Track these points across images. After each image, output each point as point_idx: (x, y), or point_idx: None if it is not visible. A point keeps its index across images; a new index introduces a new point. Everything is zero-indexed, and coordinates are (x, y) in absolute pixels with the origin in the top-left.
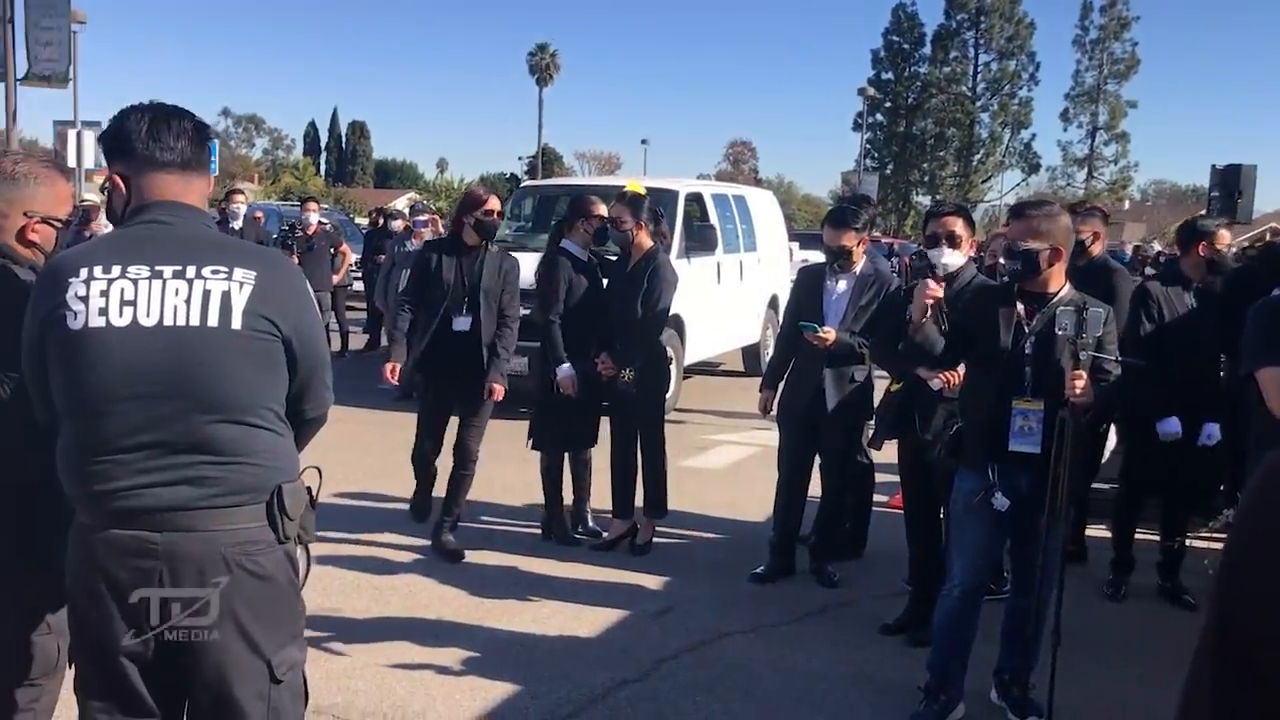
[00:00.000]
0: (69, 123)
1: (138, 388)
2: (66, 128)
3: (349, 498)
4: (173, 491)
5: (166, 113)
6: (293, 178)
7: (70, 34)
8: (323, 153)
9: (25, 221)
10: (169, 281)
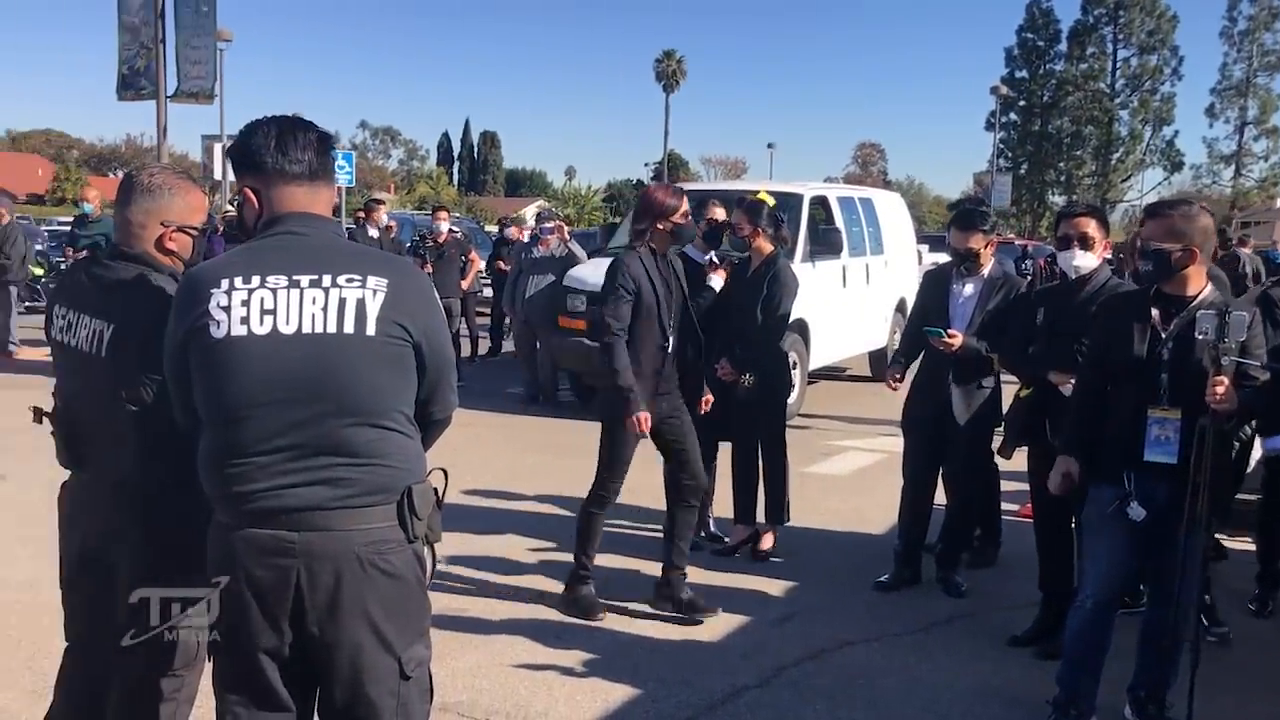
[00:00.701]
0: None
1: (277, 393)
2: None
3: (475, 497)
4: (310, 492)
5: (292, 125)
6: (427, 187)
7: (216, 52)
8: (455, 162)
9: (163, 230)
10: (306, 290)
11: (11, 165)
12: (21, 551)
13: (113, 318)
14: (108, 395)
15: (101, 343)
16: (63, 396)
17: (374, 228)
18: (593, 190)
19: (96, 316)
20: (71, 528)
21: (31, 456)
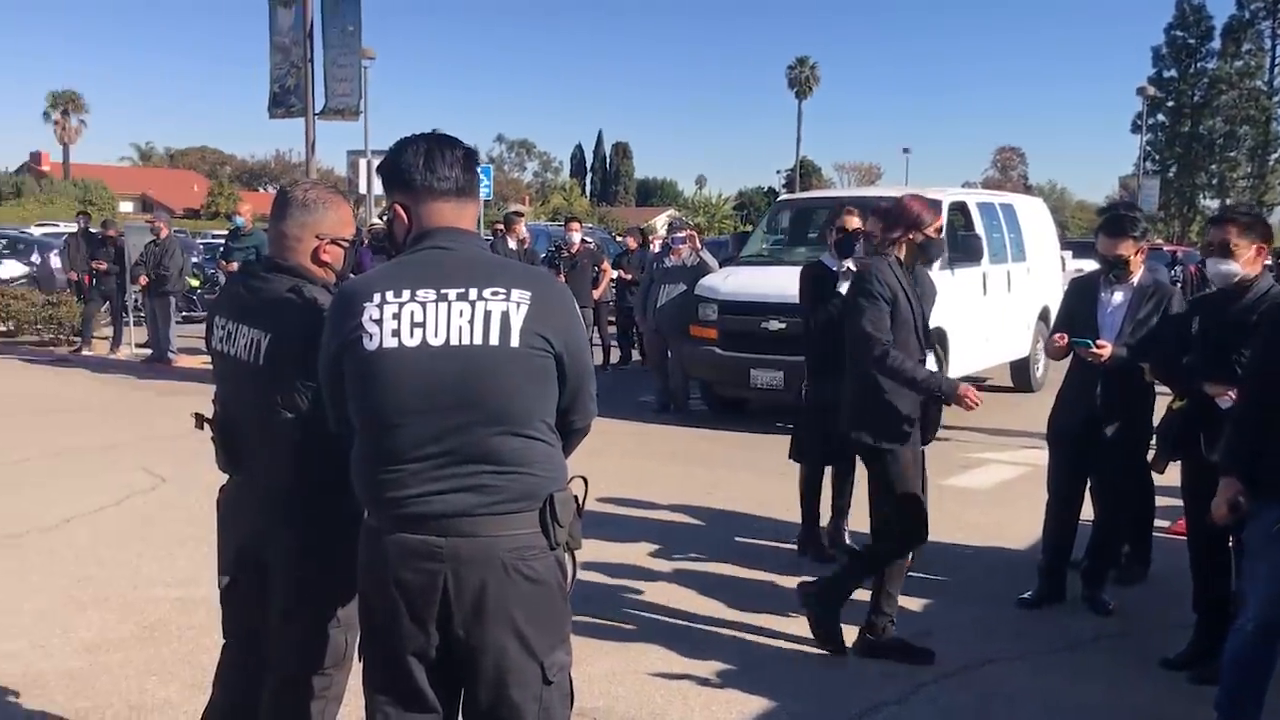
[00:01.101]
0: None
1: (427, 403)
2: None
3: (608, 505)
4: (457, 498)
5: (439, 142)
6: (560, 198)
7: (361, 70)
8: (588, 174)
9: (318, 243)
10: (454, 303)
11: (169, 181)
12: (181, 550)
13: (269, 328)
14: (264, 402)
15: (259, 352)
16: (222, 403)
17: (514, 239)
18: (723, 199)
19: (254, 326)
20: (228, 529)
21: (191, 460)
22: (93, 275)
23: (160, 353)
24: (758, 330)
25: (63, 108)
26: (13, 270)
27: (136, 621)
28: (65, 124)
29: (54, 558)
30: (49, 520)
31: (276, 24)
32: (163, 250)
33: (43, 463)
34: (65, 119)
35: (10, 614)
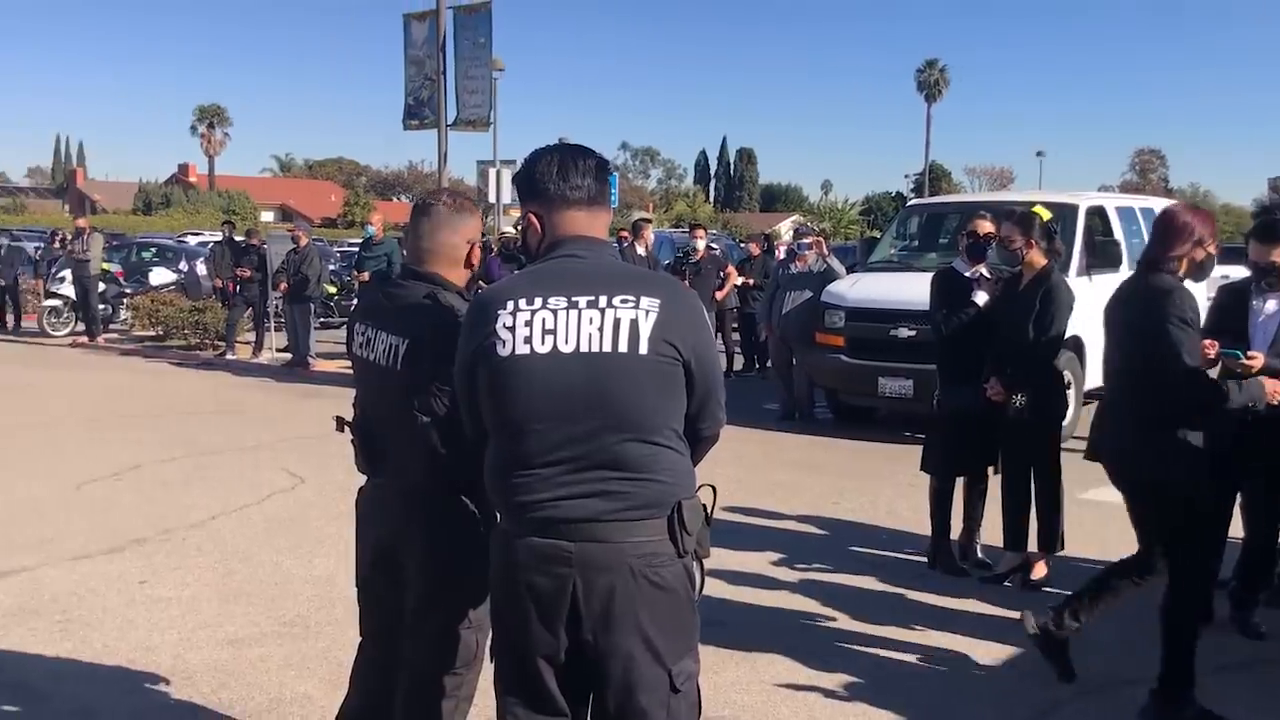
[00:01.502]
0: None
1: (557, 409)
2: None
3: (733, 514)
4: (586, 504)
5: (572, 153)
6: (684, 205)
7: (492, 81)
8: (712, 180)
9: (470, 246)
10: (584, 311)
11: (308, 191)
12: (319, 549)
13: (407, 333)
14: (402, 406)
15: (397, 357)
16: (361, 407)
17: (642, 246)
18: (849, 204)
19: (393, 333)
20: (366, 529)
21: (328, 462)
22: (237, 282)
23: (299, 357)
24: (886, 337)
25: (208, 121)
26: (162, 277)
27: (277, 617)
28: (211, 137)
29: (201, 553)
30: (196, 517)
31: (411, 38)
32: (302, 258)
33: (190, 462)
34: (211, 132)
35: (161, 606)
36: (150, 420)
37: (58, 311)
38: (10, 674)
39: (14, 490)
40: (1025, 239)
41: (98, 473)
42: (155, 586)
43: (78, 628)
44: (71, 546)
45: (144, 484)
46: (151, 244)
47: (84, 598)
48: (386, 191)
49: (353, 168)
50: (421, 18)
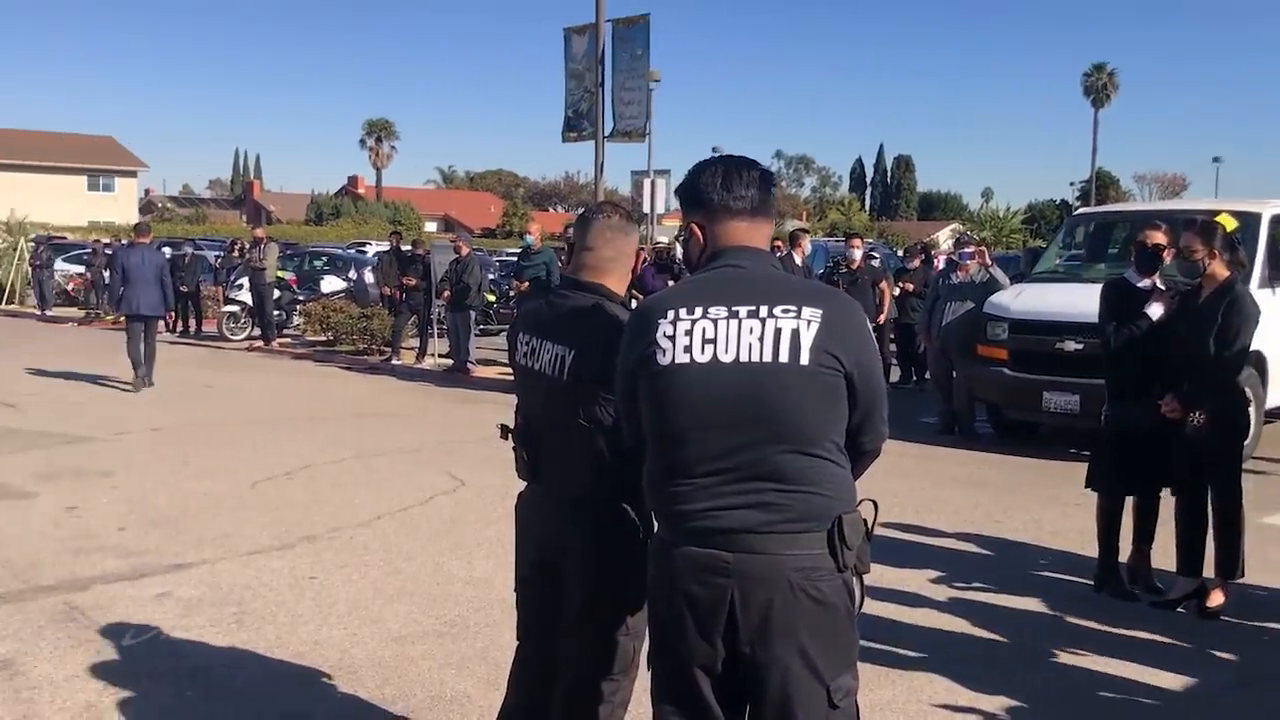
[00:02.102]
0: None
1: (716, 418)
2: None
3: (891, 530)
4: (744, 515)
5: (736, 164)
6: (838, 213)
7: (648, 92)
8: (868, 188)
9: (638, 259)
10: (744, 321)
11: (469, 202)
12: (478, 551)
13: (572, 343)
14: (567, 415)
15: (563, 367)
16: (524, 415)
17: (799, 255)
18: (1012, 212)
19: (558, 342)
20: (526, 535)
21: (486, 465)
22: (402, 290)
23: (460, 363)
24: (1052, 350)
25: (376, 135)
26: (333, 285)
27: (438, 616)
28: (379, 150)
29: (367, 552)
30: (363, 516)
31: (571, 52)
32: (463, 267)
33: (357, 463)
34: (379, 145)
35: (329, 602)
36: (320, 422)
37: (235, 317)
38: (191, 660)
39: (196, 485)
40: (1207, 249)
41: (271, 471)
42: (324, 582)
43: (252, 619)
44: (247, 542)
45: (314, 483)
46: (322, 253)
47: (258, 591)
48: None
49: (511, 179)
50: (581, 31)
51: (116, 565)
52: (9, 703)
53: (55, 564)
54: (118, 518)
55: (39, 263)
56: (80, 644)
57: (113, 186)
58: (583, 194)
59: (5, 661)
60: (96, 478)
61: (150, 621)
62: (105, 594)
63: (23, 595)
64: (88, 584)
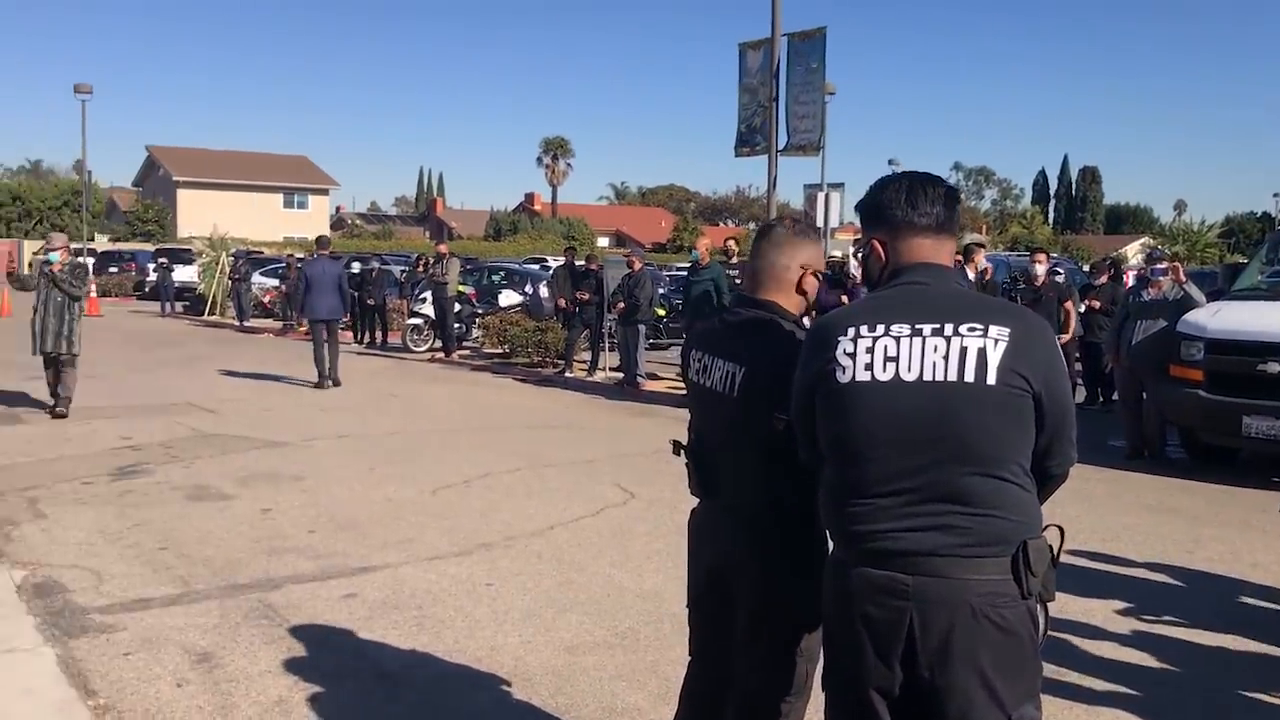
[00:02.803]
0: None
1: (898, 438)
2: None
3: (1075, 557)
4: (925, 537)
5: (921, 180)
6: (1020, 227)
7: (823, 106)
8: (1051, 200)
9: (803, 272)
10: (928, 339)
11: (640, 218)
12: (649, 564)
13: (744, 360)
14: (738, 432)
15: (734, 384)
16: (696, 431)
17: (973, 270)
18: (1206, 225)
19: (729, 359)
20: (698, 552)
21: (656, 479)
22: (576, 304)
23: (630, 377)
24: (1253, 372)
25: (553, 153)
26: (510, 299)
27: (609, 628)
28: (555, 167)
29: (540, 561)
30: (536, 526)
31: (745, 66)
32: (635, 282)
33: (531, 473)
34: (555, 163)
35: (504, 610)
36: (496, 432)
37: (419, 329)
38: (374, 661)
39: (380, 491)
40: None
41: (450, 479)
42: (499, 589)
43: (432, 624)
44: (427, 547)
45: (490, 492)
46: (500, 268)
47: (437, 596)
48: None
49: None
50: (756, 46)
51: (307, 566)
52: (208, 693)
53: (251, 563)
54: (308, 520)
55: (238, 276)
56: (273, 640)
57: (306, 204)
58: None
59: (206, 654)
60: (289, 481)
61: (337, 621)
62: (296, 593)
63: (222, 592)
64: (280, 583)
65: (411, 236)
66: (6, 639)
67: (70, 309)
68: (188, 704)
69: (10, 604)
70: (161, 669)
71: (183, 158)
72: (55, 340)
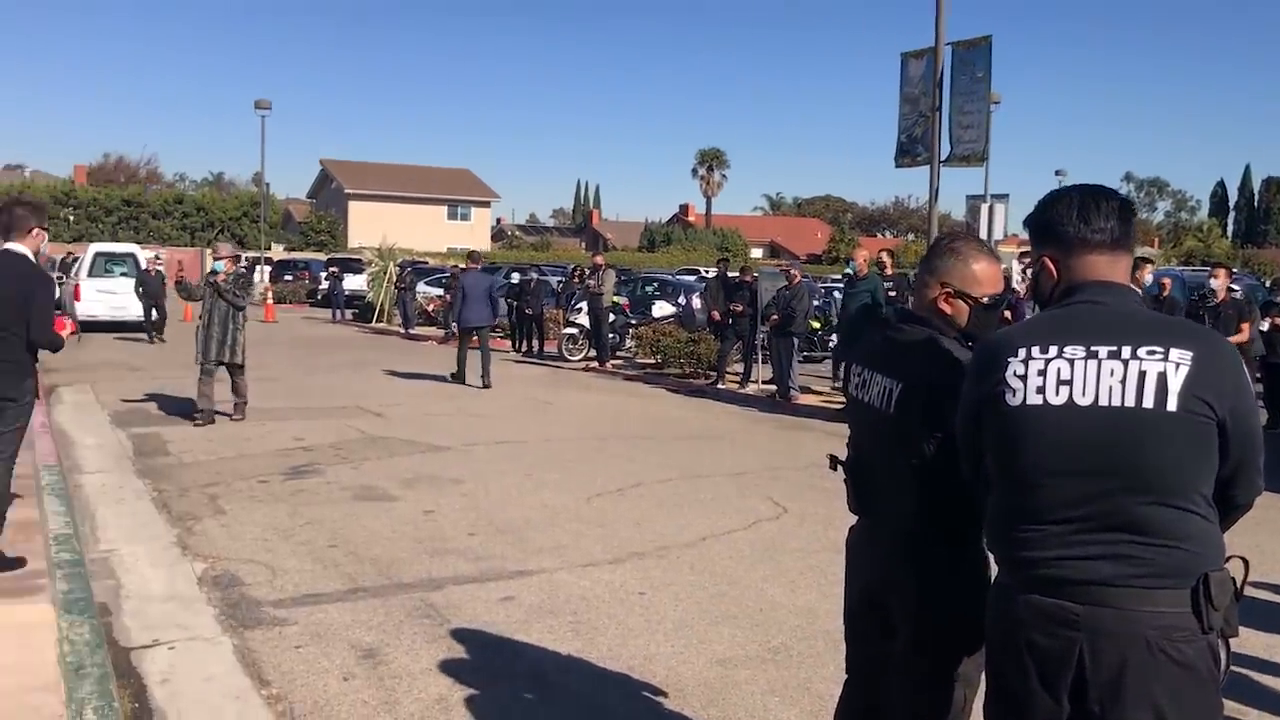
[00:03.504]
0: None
1: (1070, 464)
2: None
3: (1266, 590)
4: (1097, 566)
5: (1093, 194)
6: (1196, 240)
7: (988, 115)
8: (1230, 213)
9: (939, 291)
10: (1104, 362)
11: (795, 229)
12: (802, 580)
13: (902, 377)
14: (895, 448)
15: (891, 400)
16: (854, 447)
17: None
18: None
19: (888, 375)
20: (855, 570)
21: (807, 493)
22: (729, 316)
23: (783, 390)
24: None
25: (708, 164)
26: (663, 310)
27: (761, 642)
28: (709, 178)
29: (693, 572)
30: (689, 537)
31: (907, 75)
32: (793, 295)
33: (684, 484)
34: (710, 174)
35: (657, 619)
36: (648, 441)
37: (574, 339)
38: (529, 664)
39: (536, 497)
40: None
41: (605, 487)
42: (652, 599)
43: (586, 630)
44: (582, 554)
45: (643, 501)
46: (654, 279)
47: (591, 602)
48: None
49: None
50: (919, 55)
51: (467, 568)
52: (373, 688)
53: (414, 563)
54: (468, 523)
55: (403, 285)
56: (434, 639)
57: (469, 215)
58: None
59: (371, 650)
60: (449, 484)
61: (494, 623)
62: (456, 594)
63: (387, 590)
64: (441, 584)
65: (568, 247)
66: (189, 628)
67: (235, 319)
68: (353, 698)
69: (192, 595)
70: (329, 663)
71: (353, 171)
72: (220, 349)
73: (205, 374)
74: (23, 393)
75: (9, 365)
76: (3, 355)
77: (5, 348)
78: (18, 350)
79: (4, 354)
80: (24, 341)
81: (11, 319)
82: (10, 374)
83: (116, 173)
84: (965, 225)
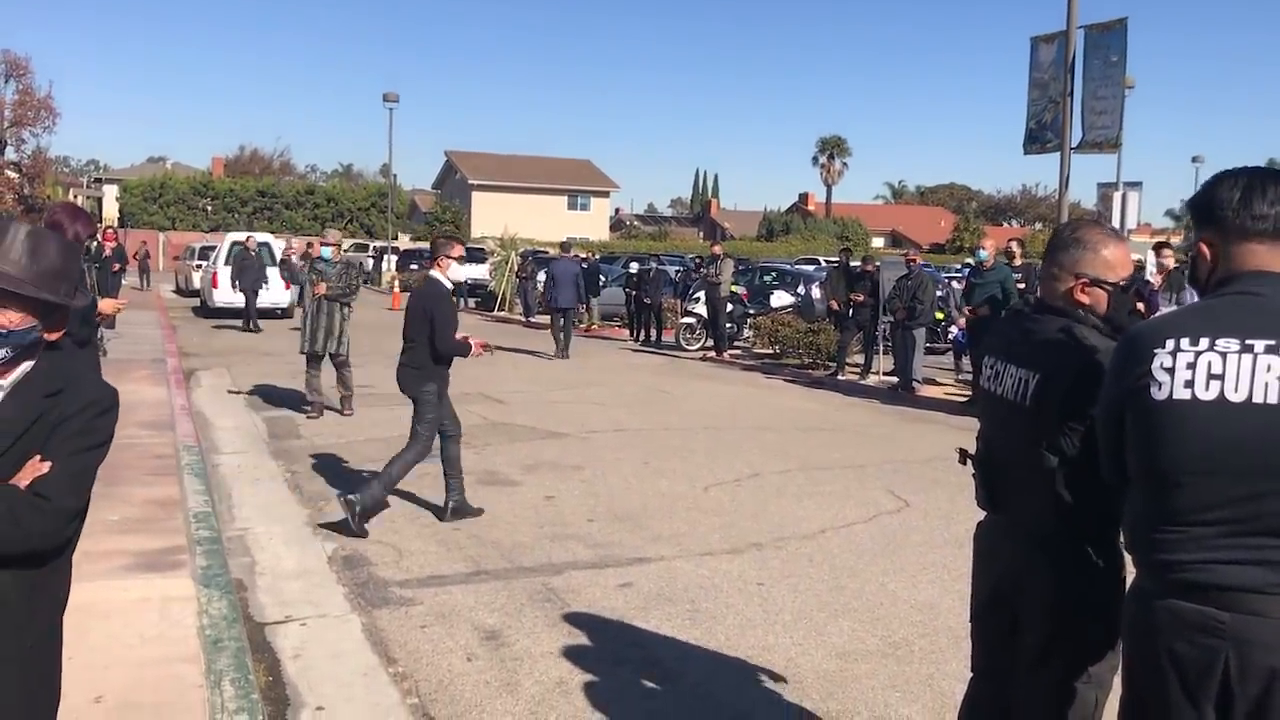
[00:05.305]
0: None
1: (1218, 463)
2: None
3: None
4: (1245, 572)
5: (1261, 177)
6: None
7: (1122, 100)
8: None
9: (1074, 282)
10: (1260, 357)
11: (918, 217)
12: (923, 575)
13: (1039, 368)
14: (1029, 443)
15: (1026, 392)
16: (986, 441)
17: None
18: None
19: (1023, 366)
20: (984, 566)
21: (931, 487)
22: (849, 306)
23: (905, 381)
24: None
25: (829, 152)
26: (782, 300)
27: (881, 636)
28: (830, 167)
29: (811, 564)
30: (808, 529)
31: (1037, 60)
32: (916, 284)
33: (801, 475)
34: (830, 162)
35: (775, 610)
36: (766, 432)
37: (691, 328)
38: (647, 650)
39: (654, 485)
40: None
41: (722, 477)
42: (770, 590)
43: (704, 618)
44: (699, 543)
45: (761, 491)
46: (772, 269)
47: (709, 591)
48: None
49: (964, 193)
50: (1050, 39)
51: (586, 554)
52: (495, 669)
53: (535, 547)
54: (587, 510)
55: (524, 275)
56: (554, 623)
57: (588, 205)
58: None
59: (494, 632)
60: (569, 471)
61: (613, 609)
62: (576, 579)
63: (508, 574)
64: (562, 568)
65: (686, 237)
66: (321, 606)
67: (340, 310)
68: (476, 678)
69: (323, 574)
70: (454, 643)
71: (477, 162)
72: (325, 340)
73: (312, 365)
74: (423, 393)
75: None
76: (407, 360)
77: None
78: (421, 357)
79: (408, 360)
80: (429, 350)
81: (416, 332)
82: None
83: (252, 164)
84: (1096, 213)
